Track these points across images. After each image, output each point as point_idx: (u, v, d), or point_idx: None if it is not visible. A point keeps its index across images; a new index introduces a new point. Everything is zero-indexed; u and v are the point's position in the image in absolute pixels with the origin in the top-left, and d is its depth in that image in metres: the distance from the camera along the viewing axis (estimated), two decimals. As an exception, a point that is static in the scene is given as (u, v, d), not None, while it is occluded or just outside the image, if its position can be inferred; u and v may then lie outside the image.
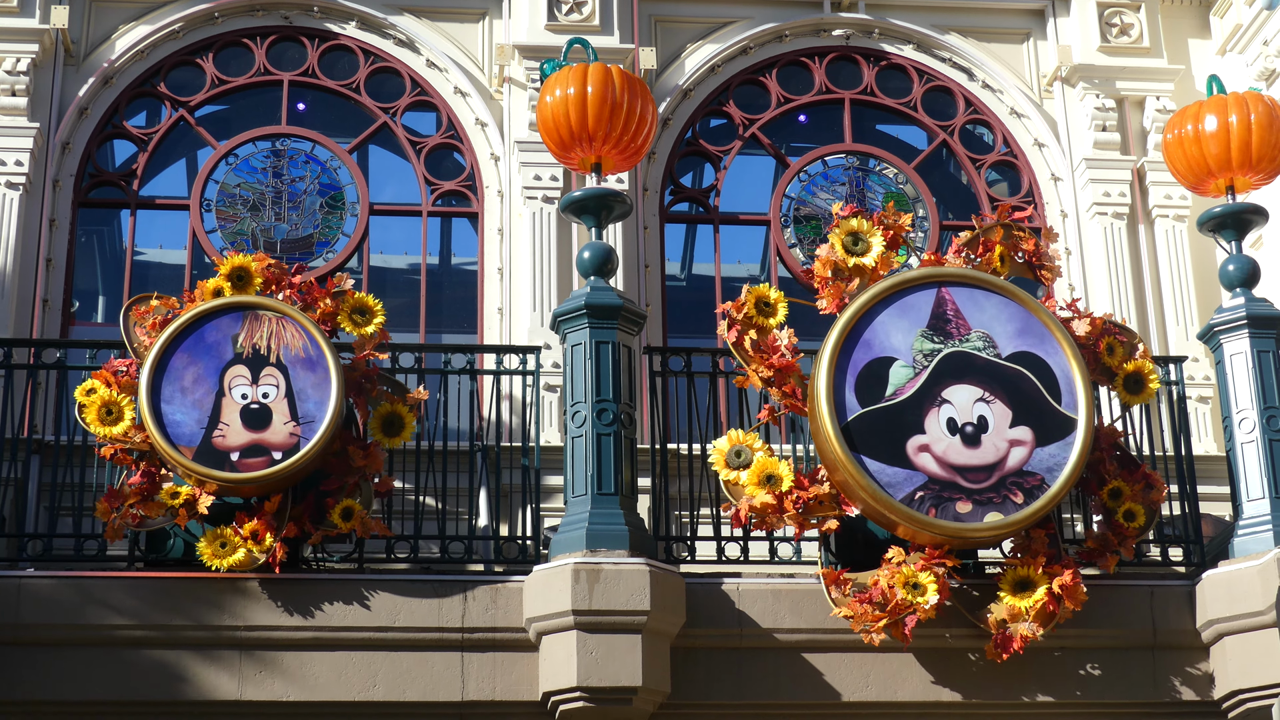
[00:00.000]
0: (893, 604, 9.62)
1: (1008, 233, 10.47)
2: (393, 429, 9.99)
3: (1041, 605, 9.71)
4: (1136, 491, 10.16)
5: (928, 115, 13.16)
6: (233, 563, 9.56)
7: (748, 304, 10.21)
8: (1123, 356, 10.43)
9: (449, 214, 12.70)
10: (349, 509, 9.72)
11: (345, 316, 10.06)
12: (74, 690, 9.55)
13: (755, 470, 9.94)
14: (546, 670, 9.59)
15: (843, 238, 10.32)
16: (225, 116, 12.74)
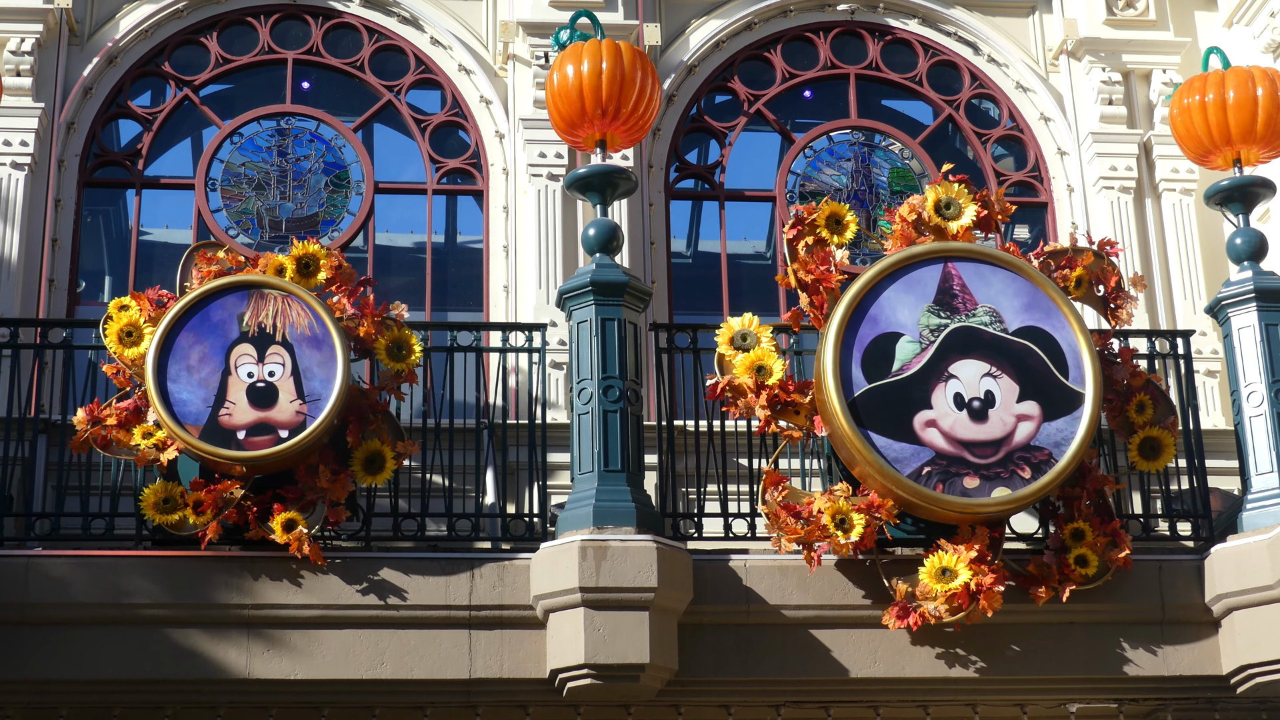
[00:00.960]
0: (813, 526, 9.61)
1: (1098, 262, 10.42)
2: (373, 467, 9.91)
3: (953, 594, 9.68)
4: (1099, 542, 9.99)
5: (933, 90, 13.13)
6: (171, 521, 9.57)
7: (821, 213, 10.20)
8: (1150, 419, 10.37)
9: (454, 192, 12.67)
10: (292, 521, 9.65)
11: (382, 348, 10.00)
12: (82, 669, 9.57)
13: (751, 356, 9.94)
14: (554, 648, 9.60)
15: (939, 195, 10.33)
16: (230, 95, 12.71)
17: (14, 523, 10.15)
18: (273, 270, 10.03)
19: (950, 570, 9.70)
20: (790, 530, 9.66)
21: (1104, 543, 10.00)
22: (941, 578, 9.70)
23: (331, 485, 9.77)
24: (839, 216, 10.27)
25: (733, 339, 10.10)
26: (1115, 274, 10.46)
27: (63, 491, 10.20)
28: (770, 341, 10.08)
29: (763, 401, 9.98)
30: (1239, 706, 10.51)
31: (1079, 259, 10.43)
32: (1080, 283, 10.39)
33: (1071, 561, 9.96)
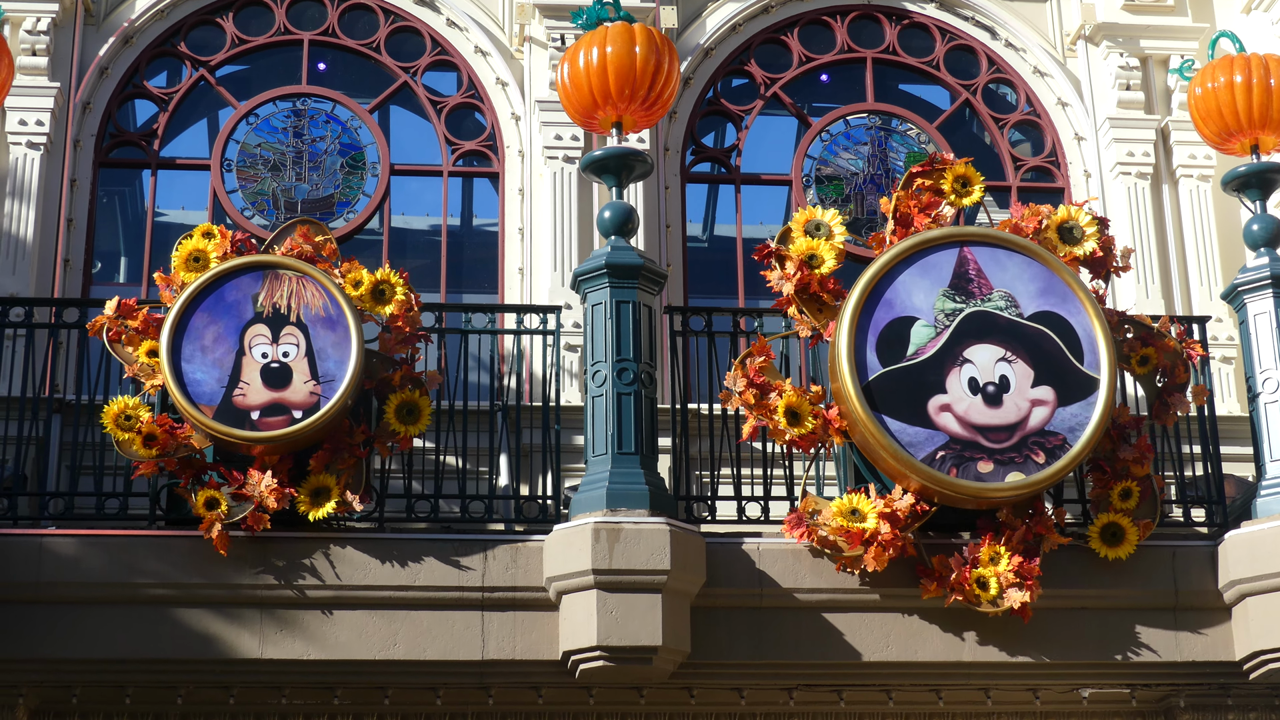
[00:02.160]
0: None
1: (1174, 357, 10.39)
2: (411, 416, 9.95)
3: (847, 530, 9.72)
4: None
5: (950, 74, 13.10)
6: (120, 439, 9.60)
7: (955, 169, 10.37)
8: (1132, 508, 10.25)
9: (470, 174, 12.67)
10: (214, 500, 9.62)
11: (392, 408, 9.96)
12: (95, 648, 9.59)
13: (811, 242, 10.14)
14: (567, 629, 9.60)
15: (955, 176, 10.39)
16: (245, 76, 12.71)
17: (28, 502, 10.17)
18: (350, 284, 10.02)
19: (860, 513, 9.72)
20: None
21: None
22: (850, 517, 9.72)
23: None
24: (968, 180, 10.32)
25: (807, 225, 10.12)
26: (1185, 372, 10.39)
27: (76, 471, 10.22)
28: (841, 241, 10.13)
29: (794, 280, 10.03)
30: (1252, 692, 10.49)
31: (1159, 342, 10.39)
32: (1147, 361, 10.36)
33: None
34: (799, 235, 10.19)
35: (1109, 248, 10.41)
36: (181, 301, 9.80)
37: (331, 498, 9.63)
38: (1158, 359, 10.34)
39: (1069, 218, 10.37)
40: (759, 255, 10.18)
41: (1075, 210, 10.42)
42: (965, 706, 10.64)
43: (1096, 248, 10.34)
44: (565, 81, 10.42)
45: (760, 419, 9.93)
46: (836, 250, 10.17)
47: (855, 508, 9.74)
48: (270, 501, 9.56)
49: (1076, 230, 10.36)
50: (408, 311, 10.04)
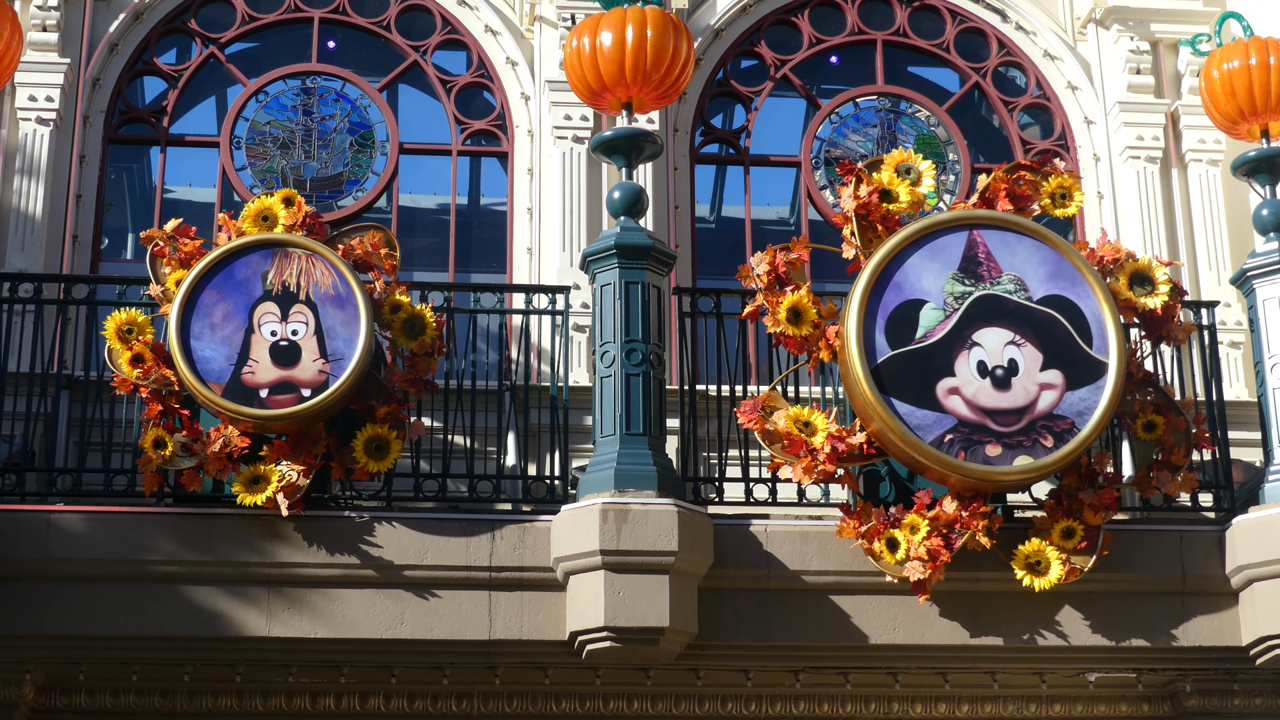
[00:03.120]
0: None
1: (1182, 437, 10.24)
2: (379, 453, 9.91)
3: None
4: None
5: (960, 57, 13.08)
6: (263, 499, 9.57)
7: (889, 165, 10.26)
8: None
9: (479, 153, 12.66)
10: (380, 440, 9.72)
11: (399, 324, 10.00)
12: (102, 625, 9.59)
13: (894, 179, 10.14)
14: (574, 610, 9.60)
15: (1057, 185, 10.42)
16: (255, 54, 12.70)
17: (36, 478, 10.18)
18: (388, 307, 10.01)
19: (811, 426, 9.78)
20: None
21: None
22: (802, 427, 9.79)
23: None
24: (1068, 192, 10.31)
25: (899, 165, 10.18)
26: (1184, 457, 10.19)
27: (85, 448, 10.22)
28: (922, 192, 10.17)
29: (859, 202, 10.09)
30: (1258, 677, 10.50)
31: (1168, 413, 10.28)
32: (1151, 427, 10.24)
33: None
34: (888, 169, 10.18)
35: (1172, 314, 10.29)
36: (191, 279, 9.79)
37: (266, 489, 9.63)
38: (1164, 432, 10.16)
39: (1146, 267, 10.29)
40: (841, 170, 10.20)
41: (1157, 264, 10.36)
42: (972, 689, 10.65)
43: (1159, 307, 10.23)
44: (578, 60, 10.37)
45: (766, 305, 9.94)
46: (913, 196, 10.16)
47: (809, 420, 9.78)
48: (210, 467, 9.58)
49: (1148, 282, 10.28)
50: (426, 355, 10.00)
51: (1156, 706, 10.85)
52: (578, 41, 10.36)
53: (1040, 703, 10.74)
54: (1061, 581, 9.73)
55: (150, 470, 9.65)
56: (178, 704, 10.35)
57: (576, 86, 10.50)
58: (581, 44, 10.33)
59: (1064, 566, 9.74)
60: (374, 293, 9.93)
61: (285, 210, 10.03)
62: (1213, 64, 10.84)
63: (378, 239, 10.10)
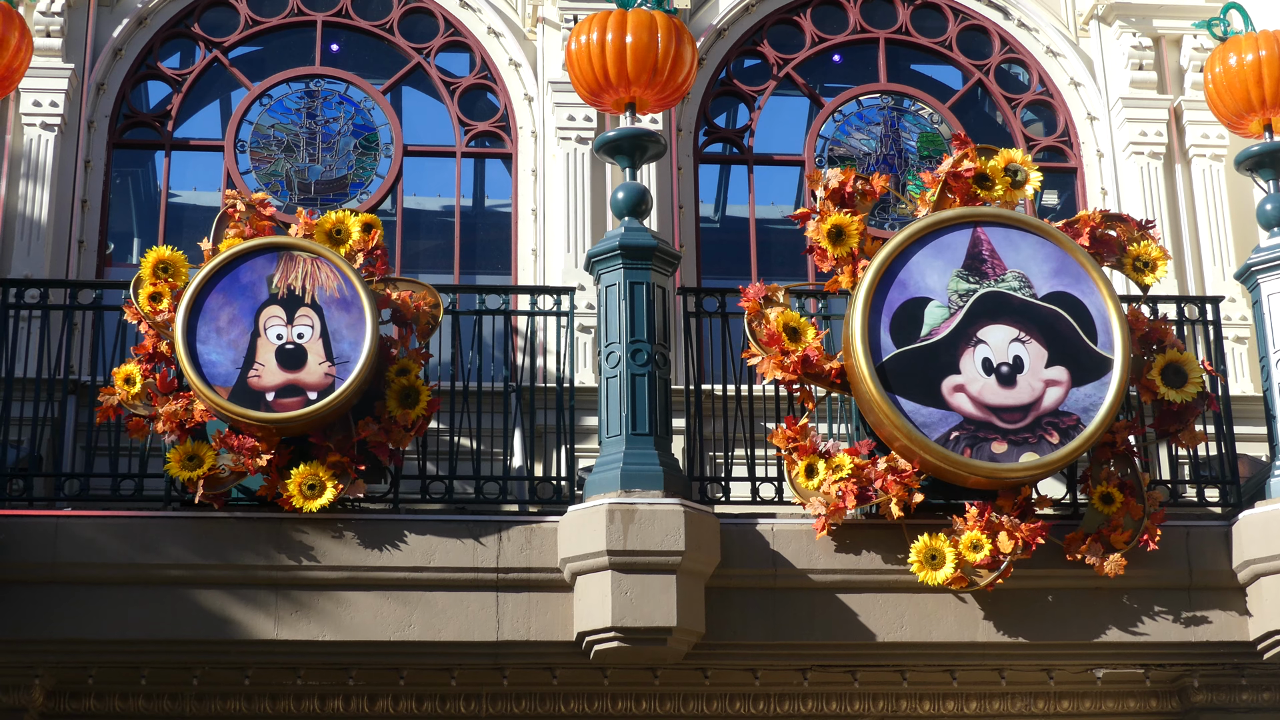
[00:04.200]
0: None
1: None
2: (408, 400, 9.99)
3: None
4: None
5: (963, 54, 13.08)
6: (324, 504, 9.60)
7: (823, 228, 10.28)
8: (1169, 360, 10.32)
9: (483, 155, 12.67)
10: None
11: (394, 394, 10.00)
12: (111, 629, 9.61)
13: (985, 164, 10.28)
14: (581, 610, 9.61)
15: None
16: (259, 57, 12.71)
17: (43, 483, 10.20)
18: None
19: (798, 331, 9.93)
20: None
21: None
22: (790, 333, 9.96)
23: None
24: (841, 229, 10.26)
25: (1010, 164, 10.30)
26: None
27: (92, 452, 10.25)
28: (1019, 194, 10.30)
29: (950, 172, 10.23)
30: (1266, 672, 10.51)
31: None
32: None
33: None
34: (1000, 159, 10.29)
35: (1192, 415, 10.24)
36: (196, 283, 9.81)
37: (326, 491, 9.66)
38: (1118, 511, 9.98)
39: (1184, 361, 10.24)
40: (956, 143, 10.32)
41: (1155, 250, 10.36)
42: (979, 687, 10.67)
43: (1180, 402, 10.19)
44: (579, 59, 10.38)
45: (819, 211, 10.14)
46: (1008, 195, 10.28)
47: (797, 327, 9.99)
48: (160, 424, 9.65)
49: (1182, 378, 10.23)
50: (404, 429, 9.95)
51: (1164, 702, 10.86)
52: (579, 41, 10.37)
53: (1048, 699, 10.76)
54: (947, 583, 9.70)
55: (109, 404, 9.72)
56: (186, 707, 10.37)
57: (579, 86, 10.52)
58: (583, 43, 10.35)
59: (955, 571, 9.71)
60: (395, 347, 9.97)
61: (359, 234, 10.05)
62: (1216, 59, 10.84)
63: (429, 301, 10.09)
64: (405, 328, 10.07)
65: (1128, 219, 10.43)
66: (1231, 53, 10.78)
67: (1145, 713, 10.89)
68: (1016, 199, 10.32)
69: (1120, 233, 10.39)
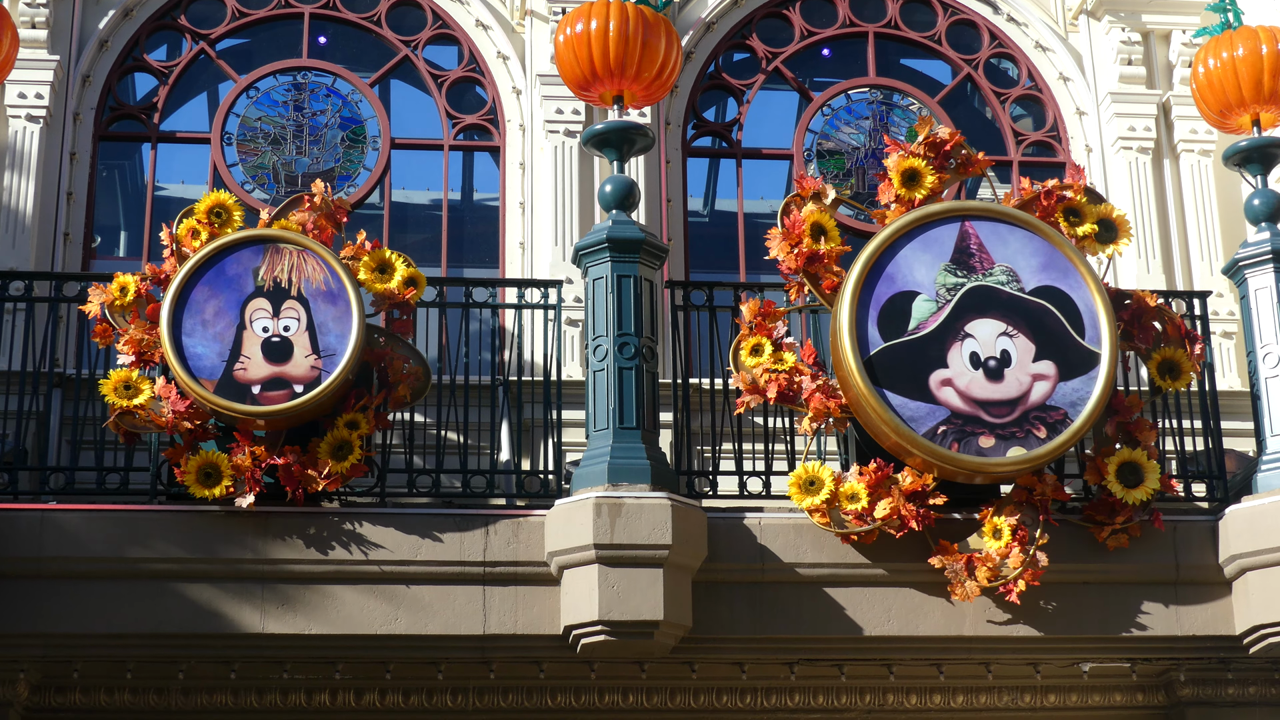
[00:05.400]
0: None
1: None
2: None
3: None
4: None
5: (952, 49, 13.07)
6: (212, 494, 9.56)
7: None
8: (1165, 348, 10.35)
9: (470, 148, 12.64)
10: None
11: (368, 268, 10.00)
12: (96, 623, 9.58)
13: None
14: (568, 604, 9.60)
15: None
16: (246, 50, 12.68)
17: (29, 476, 10.17)
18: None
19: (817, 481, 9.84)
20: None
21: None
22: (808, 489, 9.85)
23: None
24: (916, 173, 10.32)
25: (1103, 219, 10.31)
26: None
27: (77, 445, 10.22)
28: (1112, 248, 10.34)
29: (1047, 203, 10.33)
30: (1252, 666, 10.53)
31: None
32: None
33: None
34: (1102, 208, 10.38)
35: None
36: (182, 275, 9.79)
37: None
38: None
39: (1102, 214, 10.38)
40: (1072, 169, 10.40)
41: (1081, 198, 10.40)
42: (966, 681, 10.67)
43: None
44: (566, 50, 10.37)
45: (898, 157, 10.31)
46: (1086, 238, 10.35)
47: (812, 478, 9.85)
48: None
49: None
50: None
51: (1151, 696, 10.88)
52: (566, 33, 10.35)
53: (1035, 693, 10.77)
54: (816, 510, 9.80)
55: (96, 301, 9.83)
56: (172, 701, 10.35)
57: (567, 78, 10.50)
58: (570, 34, 10.33)
59: (826, 500, 9.81)
60: (364, 398, 9.91)
61: (402, 271, 10.01)
62: (1204, 55, 10.83)
63: (418, 375, 9.98)
64: (384, 389, 9.94)
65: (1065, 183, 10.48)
66: (1223, 48, 10.77)
67: (1131, 706, 10.90)
68: (1094, 250, 10.29)
69: (1054, 189, 10.40)
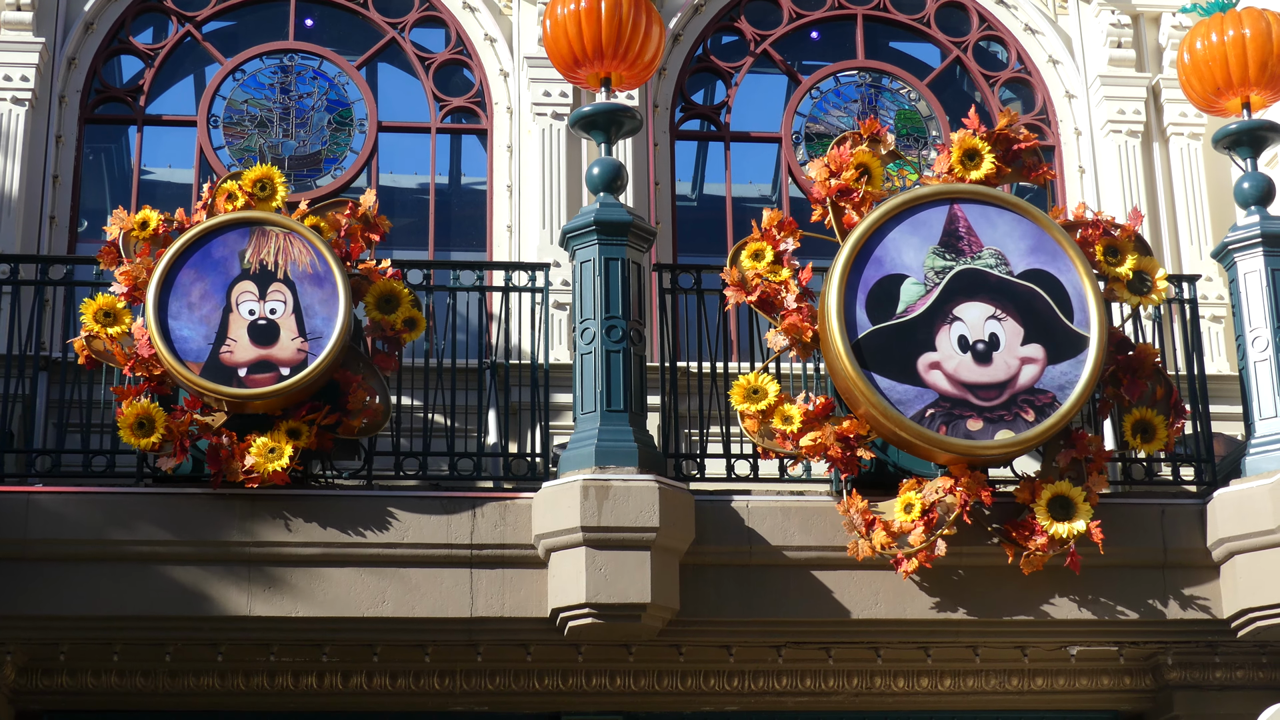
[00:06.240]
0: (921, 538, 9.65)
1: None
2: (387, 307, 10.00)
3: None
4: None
5: (941, 32, 13.04)
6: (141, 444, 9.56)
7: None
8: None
9: (458, 131, 12.61)
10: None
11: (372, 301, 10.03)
12: (81, 605, 9.56)
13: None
14: (555, 587, 9.59)
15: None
16: (233, 32, 12.64)
17: (15, 459, 10.14)
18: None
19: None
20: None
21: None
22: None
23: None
24: (869, 168, 10.28)
25: (1138, 269, 10.26)
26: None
27: (63, 429, 10.19)
28: (1148, 302, 10.30)
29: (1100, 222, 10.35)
30: (1240, 650, 10.54)
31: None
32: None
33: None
34: (1143, 262, 10.31)
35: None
36: (168, 258, 9.76)
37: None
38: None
39: (1142, 267, 10.31)
40: (1135, 216, 10.37)
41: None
42: (953, 664, 10.68)
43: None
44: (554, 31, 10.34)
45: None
46: (1120, 285, 10.30)
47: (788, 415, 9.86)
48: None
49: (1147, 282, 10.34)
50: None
51: (1138, 679, 10.89)
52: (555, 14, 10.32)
53: (1022, 676, 10.78)
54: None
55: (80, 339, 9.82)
56: (159, 684, 10.35)
57: (555, 59, 10.46)
58: (559, 15, 10.30)
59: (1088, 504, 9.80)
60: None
61: (404, 311, 9.99)
62: (1192, 37, 10.80)
63: (376, 411, 9.87)
64: (340, 412, 9.80)
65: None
66: (1211, 31, 10.74)
67: (1119, 690, 10.91)
68: (1120, 295, 10.25)
69: (1103, 221, 10.38)
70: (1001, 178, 10.34)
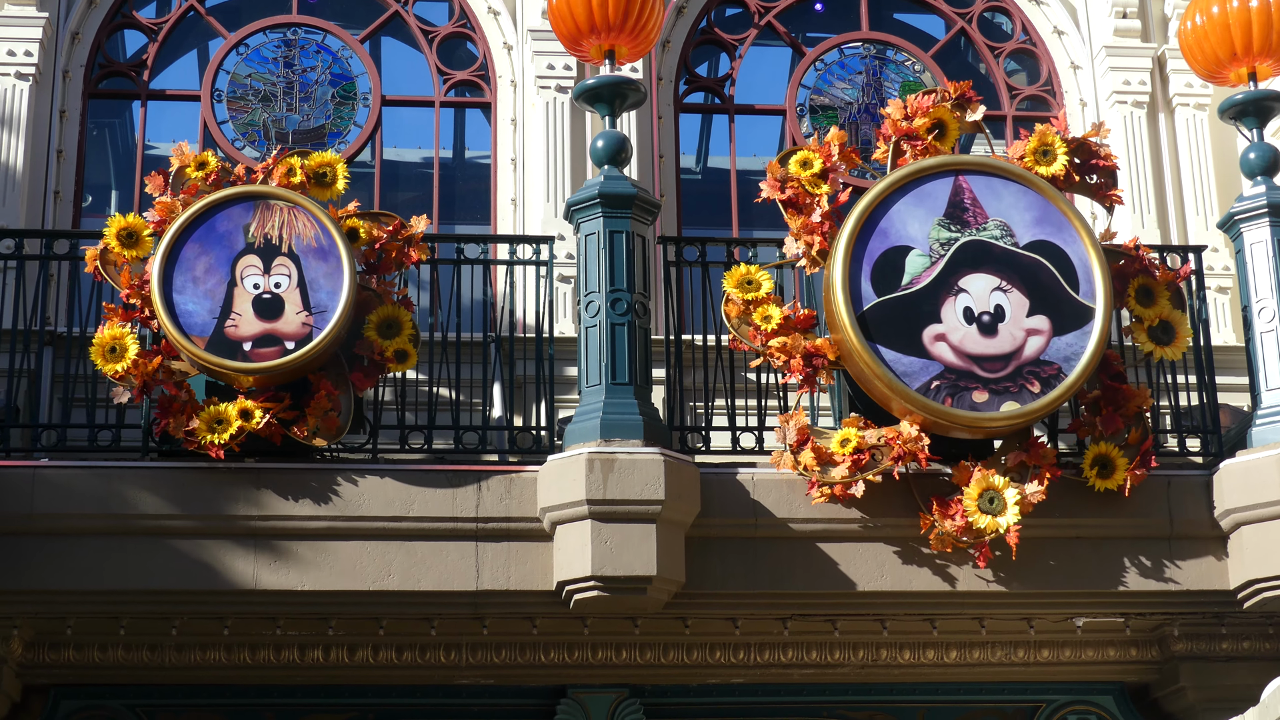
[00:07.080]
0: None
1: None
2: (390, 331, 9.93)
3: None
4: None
5: (945, 3, 13.01)
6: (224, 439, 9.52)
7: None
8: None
9: (462, 104, 12.59)
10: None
11: (373, 324, 9.95)
12: (88, 579, 9.57)
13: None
14: (561, 560, 9.59)
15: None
16: (236, 6, 12.62)
17: (20, 434, 10.16)
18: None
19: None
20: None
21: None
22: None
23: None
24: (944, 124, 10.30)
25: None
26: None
27: (69, 403, 10.19)
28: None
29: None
30: (1246, 621, 10.52)
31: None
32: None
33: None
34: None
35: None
36: (173, 232, 9.74)
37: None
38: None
39: (1170, 319, 10.32)
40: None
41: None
42: (959, 636, 10.67)
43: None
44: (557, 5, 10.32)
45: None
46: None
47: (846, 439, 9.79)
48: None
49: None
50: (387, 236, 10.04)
51: (1144, 651, 10.88)
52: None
53: (1028, 648, 10.76)
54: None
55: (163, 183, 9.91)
56: (166, 658, 10.35)
57: (559, 31, 10.43)
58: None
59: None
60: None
61: (400, 341, 9.91)
62: (1196, 8, 10.76)
63: (332, 424, 9.79)
64: (299, 410, 9.75)
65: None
66: (1213, 2, 10.69)
67: (1125, 661, 10.90)
68: (1140, 338, 10.23)
69: (1148, 260, 10.40)
70: (1069, 184, 10.27)
